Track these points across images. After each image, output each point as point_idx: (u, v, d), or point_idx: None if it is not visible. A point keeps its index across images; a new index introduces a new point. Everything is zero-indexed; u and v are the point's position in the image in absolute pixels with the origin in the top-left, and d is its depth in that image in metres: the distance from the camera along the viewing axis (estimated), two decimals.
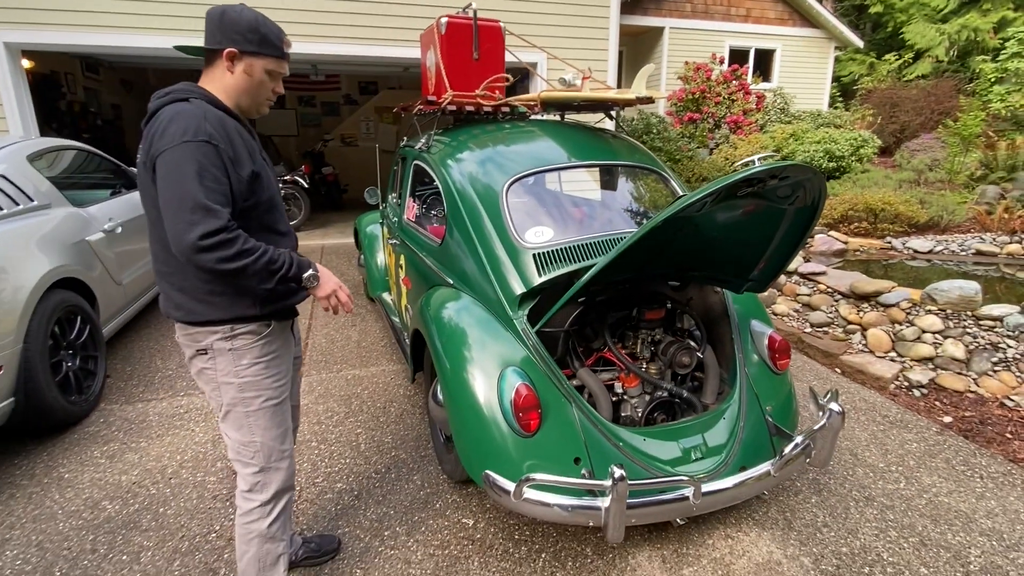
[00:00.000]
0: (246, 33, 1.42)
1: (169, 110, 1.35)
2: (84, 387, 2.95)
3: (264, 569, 1.60)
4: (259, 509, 1.57)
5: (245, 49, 1.43)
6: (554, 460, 1.83)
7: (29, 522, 2.18)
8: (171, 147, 1.29)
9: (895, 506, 2.26)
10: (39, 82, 7.02)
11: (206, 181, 1.30)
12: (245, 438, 1.53)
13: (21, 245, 2.68)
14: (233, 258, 1.31)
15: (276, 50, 1.47)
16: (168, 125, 1.31)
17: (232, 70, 1.44)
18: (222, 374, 1.49)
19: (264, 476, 1.56)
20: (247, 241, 1.34)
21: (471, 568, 1.96)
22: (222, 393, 1.51)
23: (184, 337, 1.49)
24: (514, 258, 2.12)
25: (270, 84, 1.50)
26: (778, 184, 1.54)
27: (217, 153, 1.33)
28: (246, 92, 1.47)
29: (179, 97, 1.39)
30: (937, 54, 14.31)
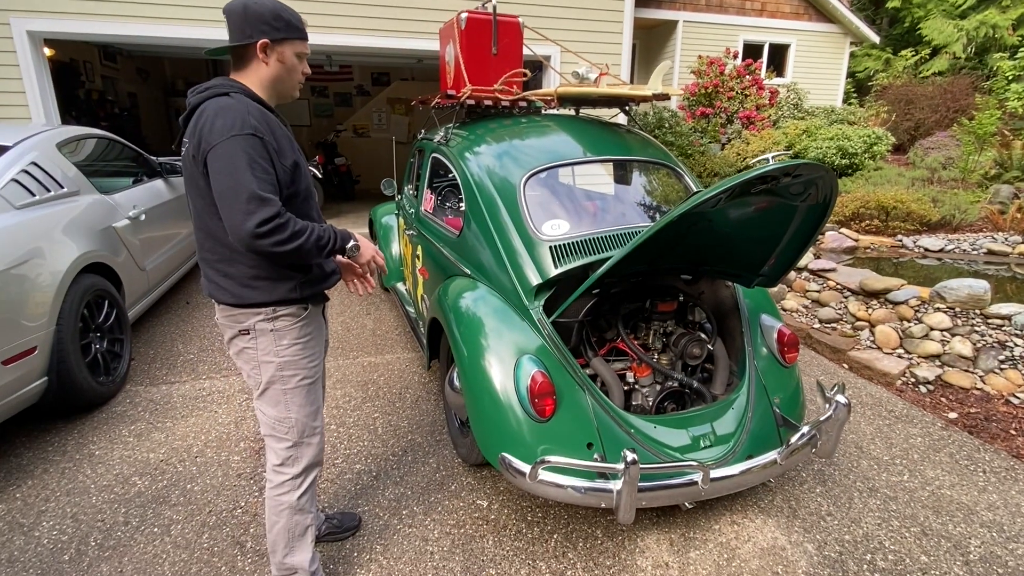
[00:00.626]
0: (272, 22, 1.46)
1: (212, 105, 1.41)
2: (111, 369, 3.05)
3: (293, 539, 1.68)
4: (290, 482, 1.65)
5: (275, 37, 1.47)
6: (567, 444, 1.91)
7: (63, 495, 2.29)
8: (221, 141, 1.36)
9: (898, 497, 2.32)
10: (59, 70, 7.13)
11: (257, 172, 1.37)
12: (281, 414, 1.61)
13: (54, 231, 2.78)
14: (288, 240, 1.40)
15: (302, 32, 1.53)
16: (215, 120, 1.38)
17: (267, 61, 1.49)
18: (263, 353, 1.57)
19: (296, 451, 1.65)
20: (296, 223, 1.43)
21: (486, 546, 2.04)
22: (261, 371, 1.59)
23: (226, 319, 1.57)
24: (531, 250, 2.18)
25: (300, 67, 1.56)
26: (791, 181, 1.60)
27: (263, 145, 1.40)
28: (282, 80, 1.53)
29: (219, 92, 1.45)
30: (955, 51, 14.14)
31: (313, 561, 1.73)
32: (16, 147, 2.92)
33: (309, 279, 1.58)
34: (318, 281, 1.62)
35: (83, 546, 2.03)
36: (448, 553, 2.01)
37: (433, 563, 1.96)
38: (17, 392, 2.41)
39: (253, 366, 1.59)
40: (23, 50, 5.40)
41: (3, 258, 2.40)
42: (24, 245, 2.54)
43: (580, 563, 1.97)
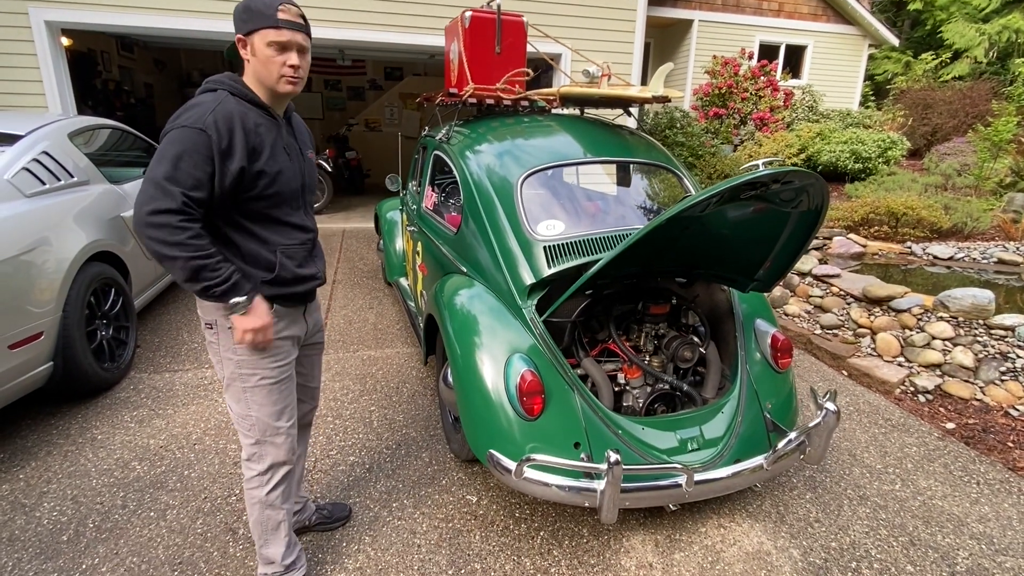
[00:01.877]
0: (241, 15, 1.44)
1: (194, 98, 1.44)
2: (116, 355, 3.12)
3: (266, 532, 1.70)
4: (257, 478, 1.65)
5: (244, 30, 1.44)
6: (555, 443, 1.92)
7: (65, 477, 2.35)
8: (170, 130, 1.38)
9: (888, 506, 2.31)
10: (76, 60, 7.24)
11: (181, 164, 1.35)
12: (243, 411, 1.60)
13: (62, 219, 2.84)
14: (171, 245, 1.34)
15: (267, 19, 1.41)
16: (182, 112, 1.40)
17: (248, 57, 1.47)
18: (223, 349, 1.55)
19: (260, 448, 1.63)
20: (196, 238, 1.37)
21: (472, 541, 2.07)
22: (224, 367, 1.58)
23: (199, 310, 1.57)
24: (525, 249, 2.20)
25: (277, 58, 1.44)
26: (781, 188, 1.60)
27: (208, 142, 1.37)
28: (260, 73, 1.47)
29: (209, 88, 1.47)
30: (976, 55, 13.90)
31: (288, 554, 1.75)
32: (28, 136, 2.98)
33: (273, 279, 1.54)
34: (286, 283, 1.57)
35: (81, 527, 2.08)
36: (435, 546, 2.04)
37: (420, 556, 1.99)
38: (23, 376, 2.48)
39: (217, 360, 1.59)
40: (41, 39, 5.50)
41: (12, 245, 2.46)
42: (33, 233, 2.60)
43: (565, 561, 1.99)
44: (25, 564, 1.91)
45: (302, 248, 1.62)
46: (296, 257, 1.60)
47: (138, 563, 1.93)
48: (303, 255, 1.63)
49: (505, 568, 1.95)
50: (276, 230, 1.55)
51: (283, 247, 1.56)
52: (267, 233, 1.54)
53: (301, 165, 1.62)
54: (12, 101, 5.53)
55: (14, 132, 2.98)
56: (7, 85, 5.50)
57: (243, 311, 1.47)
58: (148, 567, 1.92)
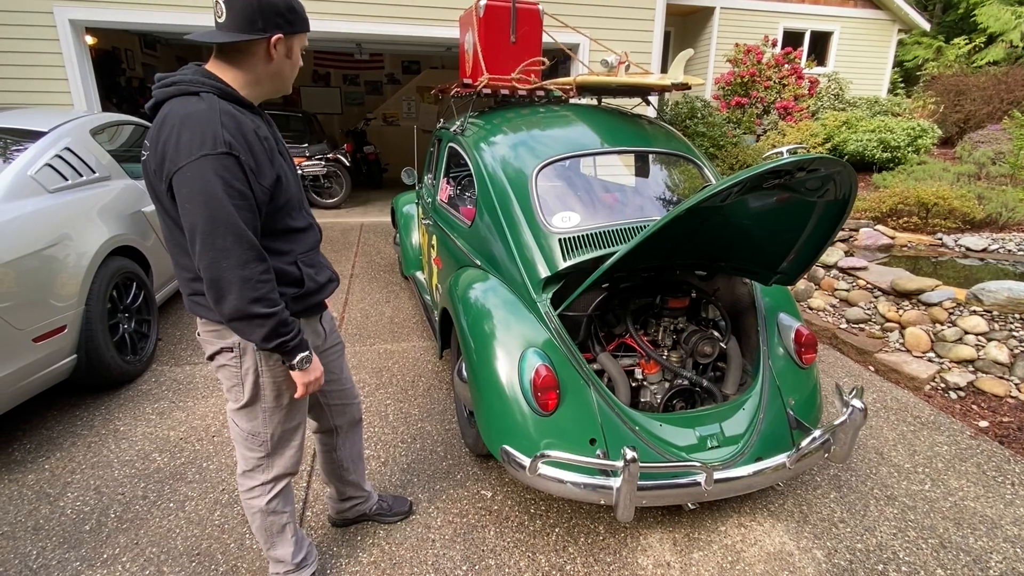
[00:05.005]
0: (287, 14, 1.31)
1: (178, 109, 1.23)
2: (138, 348, 3.16)
3: (272, 536, 1.66)
4: (259, 488, 1.59)
5: (288, 31, 1.32)
6: (570, 439, 1.89)
7: (88, 468, 2.39)
8: (189, 162, 1.18)
9: (917, 507, 2.23)
10: (101, 58, 7.38)
11: (234, 199, 1.21)
12: (256, 429, 1.52)
13: (85, 214, 2.88)
14: (260, 300, 1.25)
15: (306, 24, 1.38)
16: (181, 132, 1.19)
17: (275, 56, 1.33)
18: (246, 371, 1.44)
19: (268, 461, 1.57)
20: (273, 291, 1.29)
21: (487, 536, 2.05)
22: (244, 388, 1.46)
23: (209, 334, 1.44)
24: (540, 242, 2.16)
25: (299, 61, 1.42)
26: (807, 176, 1.53)
27: (239, 165, 1.23)
28: (281, 75, 1.38)
29: (188, 90, 1.26)
30: (1011, 39, 13.36)
31: (297, 552, 1.72)
32: (51, 133, 3.03)
33: (302, 294, 1.45)
34: (312, 294, 1.49)
35: (103, 517, 2.12)
36: (449, 541, 2.02)
37: (434, 551, 1.98)
38: (48, 368, 2.52)
39: (234, 383, 1.47)
40: (65, 38, 5.60)
41: (35, 240, 2.50)
42: (56, 228, 2.64)
43: (580, 558, 1.96)
44: (49, 553, 1.95)
45: (315, 252, 1.53)
46: (314, 264, 1.51)
47: (157, 553, 1.95)
48: (317, 259, 1.54)
49: (520, 565, 1.93)
50: (292, 239, 1.44)
51: (301, 256, 1.46)
52: (286, 245, 1.42)
53: (291, 162, 1.49)
54: (39, 99, 5.65)
55: (37, 129, 3.03)
56: (34, 83, 5.62)
57: (307, 366, 1.41)
58: (167, 557, 1.94)
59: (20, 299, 2.36)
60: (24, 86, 5.61)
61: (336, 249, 5.92)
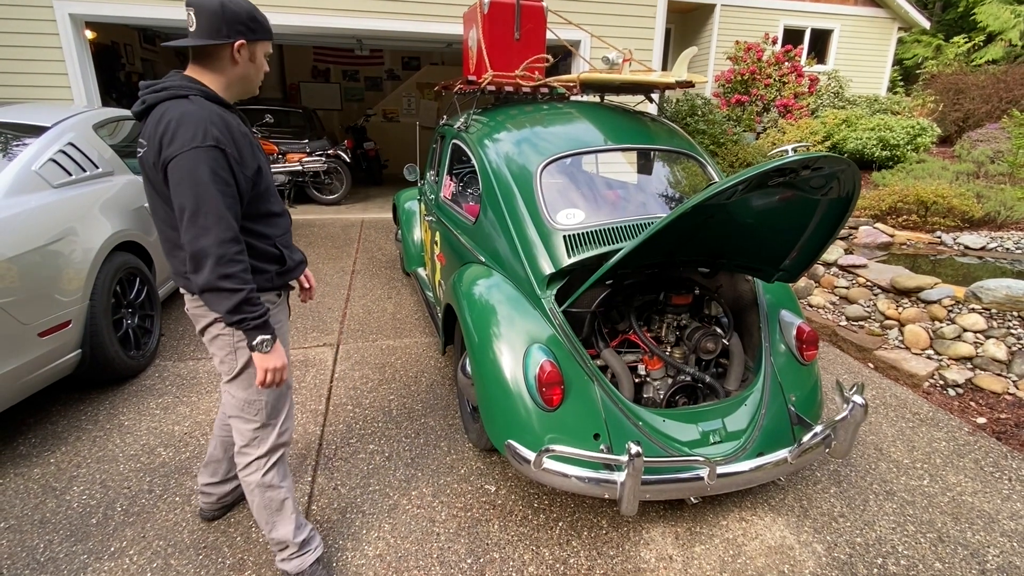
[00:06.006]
0: (249, 23, 1.48)
1: (173, 109, 1.38)
2: (141, 344, 3.17)
3: (272, 514, 1.72)
4: (256, 462, 1.68)
5: (251, 38, 1.49)
6: (574, 434, 1.91)
7: (94, 462, 2.40)
8: (182, 152, 1.34)
9: (916, 502, 2.26)
10: (100, 53, 7.35)
11: (219, 186, 1.36)
12: (252, 396, 1.62)
13: (89, 209, 2.88)
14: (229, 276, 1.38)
15: (268, 32, 1.55)
16: (177, 129, 1.35)
17: (239, 60, 1.50)
18: (238, 339, 1.56)
19: (263, 432, 1.66)
20: (245, 271, 1.42)
21: (491, 530, 2.07)
22: (237, 357, 1.58)
23: (200, 308, 1.56)
24: (545, 239, 2.17)
25: (265, 66, 1.60)
26: (811, 175, 1.55)
27: (225, 157, 1.39)
28: (249, 77, 1.55)
29: (178, 94, 1.42)
30: (1011, 38, 13.38)
31: (299, 532, 1.75)
32: (54, 128, 3.03)
33: (283, 269, 1.64)
34: (290, 271, 1.69)
35: (110, 511, 2.13)
36: (454, 535, 2.04)
37: (439, 544, 2.00)
38: (52, 363, 2.53)
39: (228, 352, 1.58)
40: (65, 32, 5.58)
41: (40, 235, 2.51)
42: (60, 223, 2.65)
43: (584, 551, 1.99)
44: (56, 546, 1.96)
45: (288, 235, 1.70)
46: (288, 246, 1.70)
47: (164, 546, 1.97)
48: (290, 242, 1.72)
49: (524, 558, 1.95)
50: (270, 223, 1.61)
51: (278, 239, 1.63)
52: (267, 229, 1.59)
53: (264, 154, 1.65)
54: (38, 94, 5.64)
55: (40, 124, 3.03)
56: (34, 78, 5.60)
57: (268, 349, 1.49)
58: (174, 550, 1.95)
59: (25, 294, 2.37)
60: (24, 80, 5.59)
61: (337, 245, 5.93)
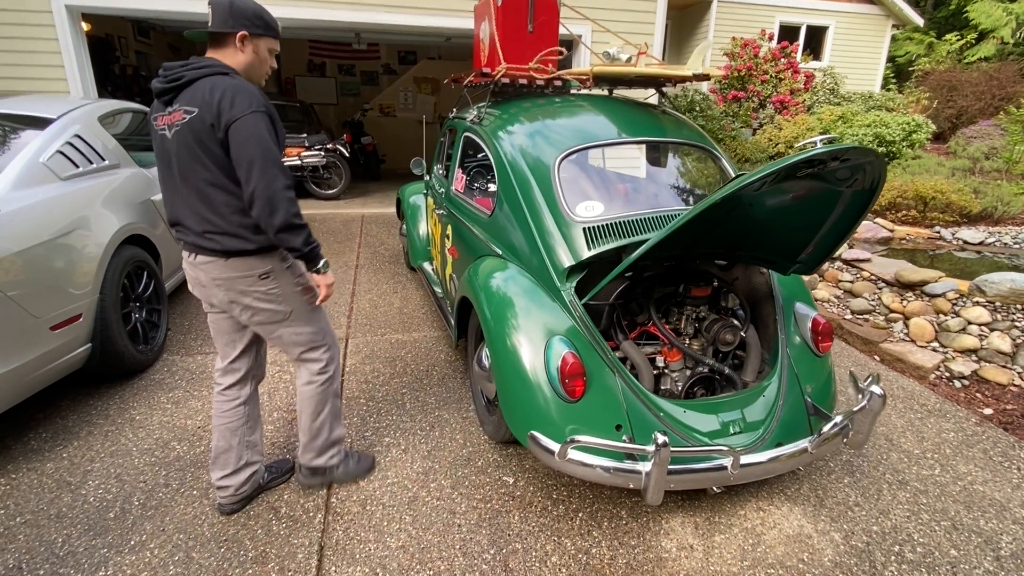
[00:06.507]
0: (253, 19, 1.72)
1: (223, 81, 1.62)
2: (149, 338, 3.15)
3: (337, 418, 2.13)
4: (329, 379, 2.05)
5: (254, 32, 1.73)
6: (596, 425, 1.92)
7: (107, 456, 2.39)
8: (245, 114, 1.58)
9: (928, 491, 2.29)
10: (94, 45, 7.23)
11: (274, 143, 1.64)
12: (315, 327, 1.97)
13: (97, 202, 2.85)
14: (298, 215, 1.68)
15: (276, 32, 1.81)
16: (235, 96, 1.59)
17: (243, 50, 1.74)
18: (286, 285, 1.86)
19: (331, 352, 2.04)
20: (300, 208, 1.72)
21: (512, 522, 2.08)
22: (290, 302, 1.88)
23: (240, 272, 1.77)
24: (564, 231, 2.18)
25: (270, 61, 1.83)
26: (839, 166, 1.56)
27: (272, 122, 1.67)
28: (253, 67, 1.79)
29: (221, 71, 1.67)
30: (1003, 36, 13.52)
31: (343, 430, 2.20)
32: (60, 120, 2.99)
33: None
34: None
35: (127, 505, 2.12)
36: (475, 526, 2.05)
37: (461, 535, 2.01)
38: (63, 357, 2.51)
39: (279, 302, 1.86)
40: (62, 24, 5.50)
41: (49, 228, 2.48)
42: (69, 216, 2.62)
43: (605, 542, 2.00)
44: (75, 540, 1.95)
45: None
46: None
47: (185, 540, 1.96)
48: None
49: (546, 548, 1.96)
50: None
51: None
52: None
53: None
54: (34, 86, 5.55)
55: (46, 116, 2.99)
56: (30, 70, 5.52)
57: (327, 269, 1.83)
58: (195, 544, 1.95)
59: (37, 287, 2.34)
60: (20, 73, 5.50)
61: (339, 240, 5.90)
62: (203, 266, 1.79)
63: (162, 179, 1.80)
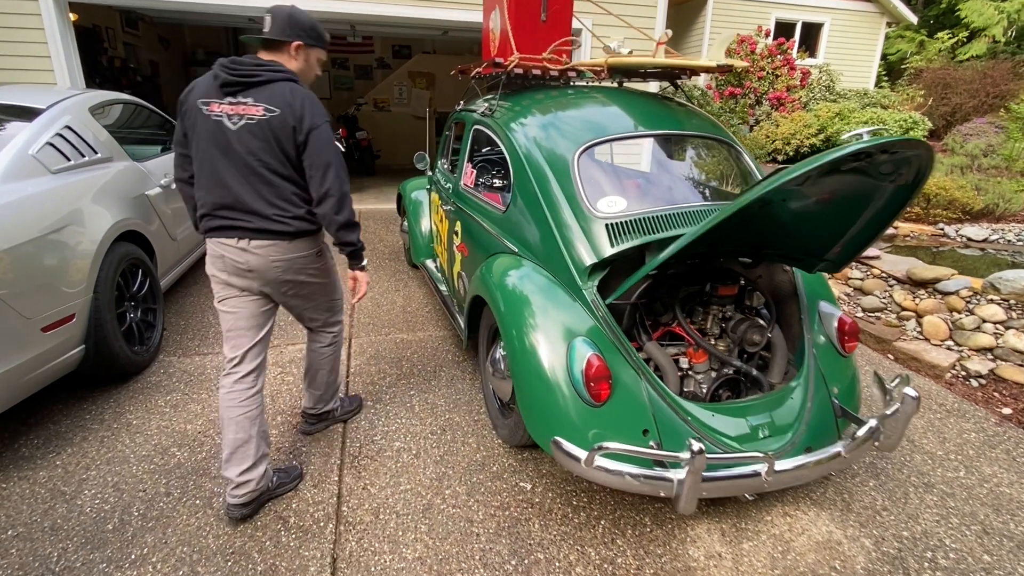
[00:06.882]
0: (310, 31, 1.93)
1: (299, 90, 1.84)
2: (145, 338, 3.02)
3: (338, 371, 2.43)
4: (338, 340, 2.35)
5: (308, 42, 1.93)
6: (622, 430, 1.84)
7: (103, 464, 2.27)
8: (324, 123, 1.85)
9: (955, 494, 2.24)
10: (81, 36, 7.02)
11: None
12: (337, 295, 2.27)
13: (90, 197, 2.72)
14: (355, 215, 1.95)
15: (326, 44, 2.03)
16: (313, 104, 1.84)
17: (296, 58, 1.93)
18: (329, 260, 2.16)
19: (341, 315, 2.34)
20: None
21: (532, 530, 2.00)
22: (330, 275, 2.18)
23: (301, 250, 1.97)
24: (585, 228, 2.09)
25: (318, 68, 2.04)
26: (886, 159, 1.49)
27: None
28: (302, 74, 1.96)
29: (292, 78, 1.87)
30: (994, 34, 13.60)
31: None
32: (50, 110, 2.85)
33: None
34: None
35: (126, 516, 2.01)
36: (494, 535, 1.96)
37: (480, 545, 1.92)
38: (56, 359, 2.38)
39: (325, 276, 2.13)
40: (48, 14, 5.32)
41: (40, 223, 2.35)
42: (61, 211, 2.49)
43: (630, 550, 1.92)
44: (71, 554, 1.84)
45: None
46: None
47: (189, 552, 1.86)
48: None
49: (570, 558, 1.88)
50: None
51: None
52: None
53: None
54: (20, 77, 5.37)
55: (35, 106, 2.85)
56: (16, 61, 5.34)
57: (367, 267, 2.11)
58: (200, 557, 1.85)
59: (27, 286, 2.22)
60: (4, 63, 5.31)
61: None
62: (260, 249, 1.89)
63: (210, 163, 1.84)
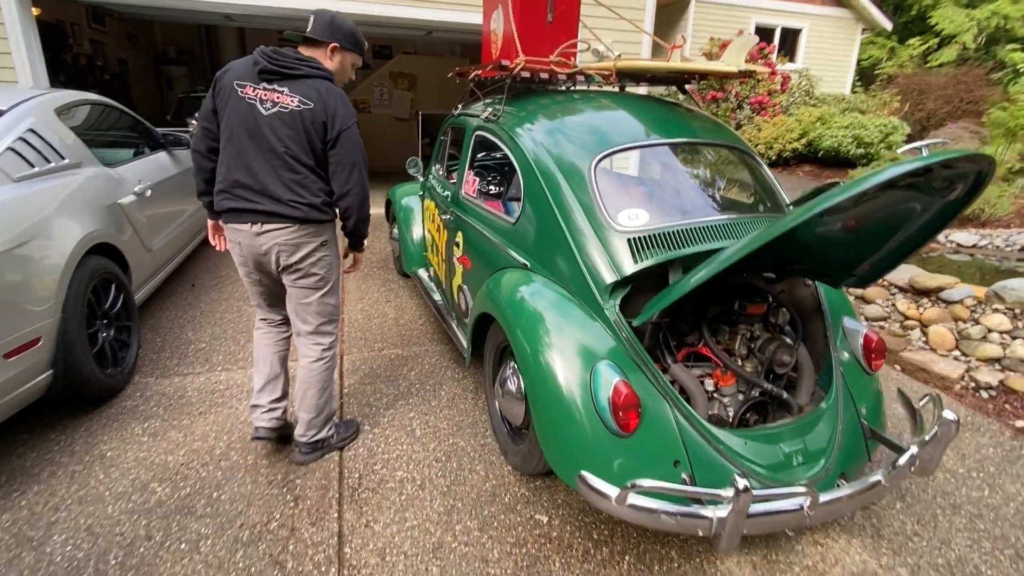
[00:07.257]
0: (348, 36, 2.06)
1: (334, 89, 1.96)
2: (119, 359, 2.79)
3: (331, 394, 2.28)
4: (332, 356, 2.25)
5: (346, 47, 2.06)
6: (652, 462, 1.72)
7: (75, 504, 2.06)
8: (353, 124, 1.96)
9: (983, 515, 2.17)
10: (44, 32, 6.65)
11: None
12: (336, 301, 2.23)
13: (56, 207, 2.49)
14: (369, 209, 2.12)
15: (362, 50, 2.15)
16: (346, 105, 1.95)
17: (331, 59, 2.05)
18: (334, 256, 2.15)
19: (336, 327, 2.27)
20: None
21: (553, 569, 1.85)
22: (332, 271, 2.14)
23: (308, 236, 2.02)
24: (605, 242, 1.96)
25: (349, 72, 2.16)
26: (946, 174, 1.39)
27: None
28: (336, 75, 2.06)
29: (328, 76, 1.99)
30: (965, 41, 13.97)
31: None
32: (11, 111, 2.61)
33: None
34: None
35: (102, 564, 1.80)
36: None
37: None
38: (20, 388, 2.16)
39: (328, 269, 2.11)
40: (9, 7, 4.98)
41: (1, 237, 2.12)
42: (24, 223, 2.26)
43: None
44: None
45: None
46: None
47: None
48: None
49: None
50: None
51: None
52: None
53: None
54: None
55: None
56: None
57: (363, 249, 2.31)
58: None
59: None
60: None
61: None
62: (268, 233, 1.97)
63: (237, 142, 1.92)
